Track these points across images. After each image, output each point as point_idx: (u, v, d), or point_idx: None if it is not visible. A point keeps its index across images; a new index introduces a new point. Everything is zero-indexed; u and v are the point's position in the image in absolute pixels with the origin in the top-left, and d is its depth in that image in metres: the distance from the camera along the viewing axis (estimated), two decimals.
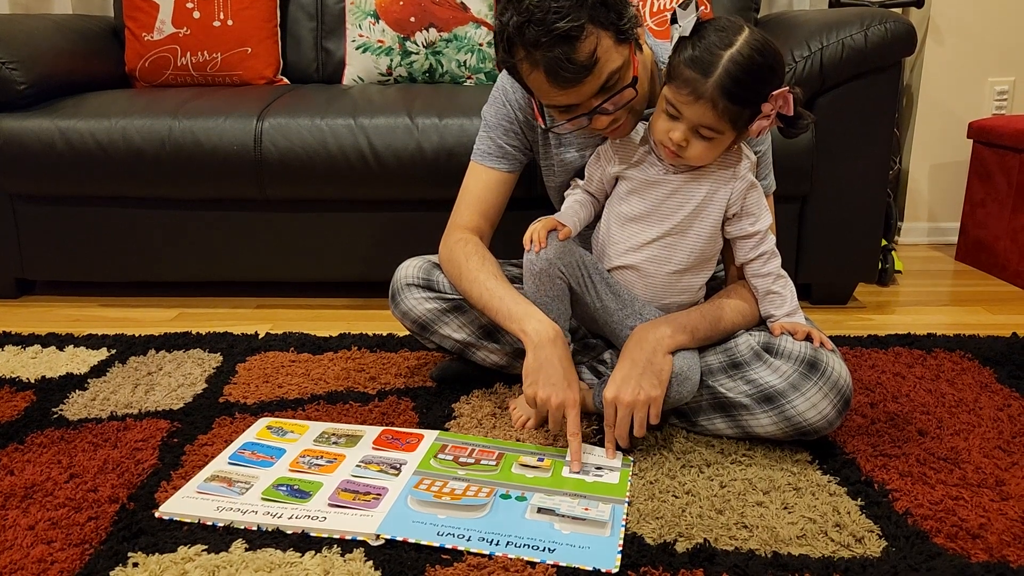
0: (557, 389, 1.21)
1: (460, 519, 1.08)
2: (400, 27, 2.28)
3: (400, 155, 1.87)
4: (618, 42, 1.17)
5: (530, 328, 1.25)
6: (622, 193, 1.32)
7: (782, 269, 1.32)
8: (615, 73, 1.18)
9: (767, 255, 1.31)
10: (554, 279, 1.28)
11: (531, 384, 1.23)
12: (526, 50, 1.14)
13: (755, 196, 1.29)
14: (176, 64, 2.29)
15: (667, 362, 1.23)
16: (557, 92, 1.18)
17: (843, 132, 1.85)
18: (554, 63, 1.13)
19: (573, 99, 1.19)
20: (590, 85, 1.17)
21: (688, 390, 1.26)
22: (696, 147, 1.20)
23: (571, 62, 1.12)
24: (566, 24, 1.10)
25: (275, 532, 1.06)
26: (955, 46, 2.50)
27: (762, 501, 1.14)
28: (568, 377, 1.23)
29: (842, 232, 1.92)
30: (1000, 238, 2.25)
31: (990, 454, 1.26)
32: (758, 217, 1.29)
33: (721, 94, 1.14)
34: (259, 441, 1.30)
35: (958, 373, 1.55)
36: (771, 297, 1.32)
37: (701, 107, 1.16)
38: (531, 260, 1.29)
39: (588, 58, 1.13)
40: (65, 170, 1.93)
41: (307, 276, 2.06)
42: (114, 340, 1.76)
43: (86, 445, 1.30)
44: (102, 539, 1.06)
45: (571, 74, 1.14)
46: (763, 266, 1.31)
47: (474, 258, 1.37)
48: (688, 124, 1.18)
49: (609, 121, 1.24)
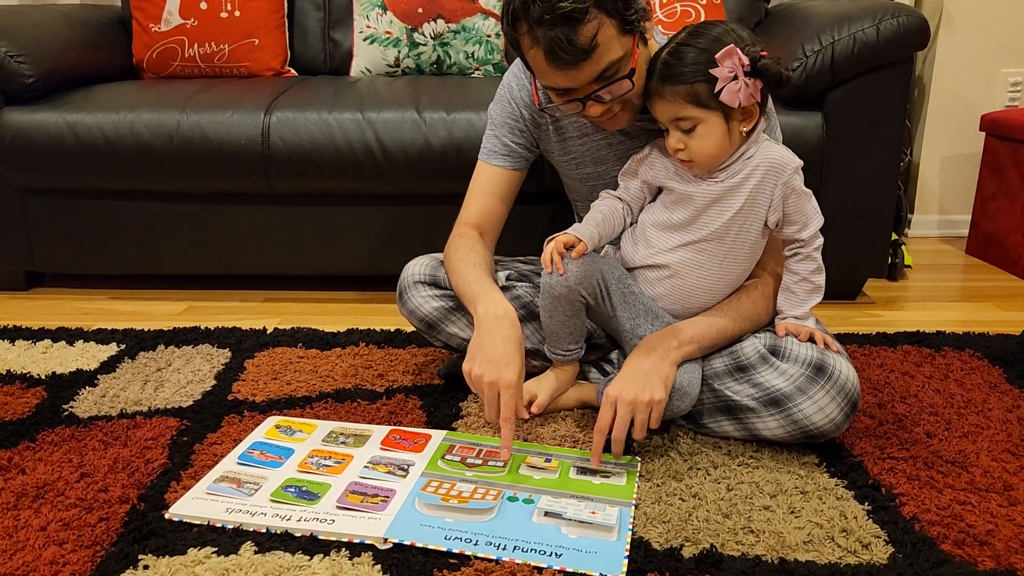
0: (492, 367, 1.17)
1: (468, 523, 1.08)
2: (408, 18, 2.27)
3: (408, 150, 1.86)
4: (622, 32, 1.17)
5: (480, 308, 1.25)
6: (666, 202, 1.31)
7: (817, 277, 1.31)
8: (615, 63, 1.18)
9: (803, 257, 1.29)
10: (573, 302, 1.28)
11: (469, 359, 1.21)
12: (529, 25, 1.15)
13: (795, 202, 1.26)
14: (183, 55, 2.28)
15: (673, 372, 1.23)
16: (554, 73, 1.18)
17: (854, 127, 1.83)
18: (554, 42, 1.13)
19: (570, 82, 1.19)
20: (588, 70, 1.17)
21: (687, 404, 1.26)
22: (692, 144, 1.21)
23: (571, 43, 1.12)
24: (570, 4, 1.10)
25: (284, 534, 1.07)
26: (968, 36, 2.47)
27: (769, 505, 1.14)
28: (507, 355, 1.18)
29: (852, 227, 1.91)
30: (1011, 233, 2.23)
31: (998, 457, 1.26)
32: (803, 225, 1.27)
33: (663, 82, 1.20)
34: (268, 440, 1.31)
35: (967, 372, 1.55)
36: (788, 294, 1.32)
37: (661, 105, 1.22)
38: (551, 284, 1.27)
39: (588, 42, 1.13)
40: (73, 164, 1.93)
41: (315, 270, 2.06)
42: (123, 335, 1.77)
43: (96, 444, 1.31)
44: (113, 540, 1.07)
45: (569, 56, 1.14)
46: (796, 264, 1.30)
47: (461, 251, 1.38)
48: (670, 127, 1.23)
49: (603, 110, 1.24)
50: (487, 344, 1.20)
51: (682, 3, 2.16)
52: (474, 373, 1.19)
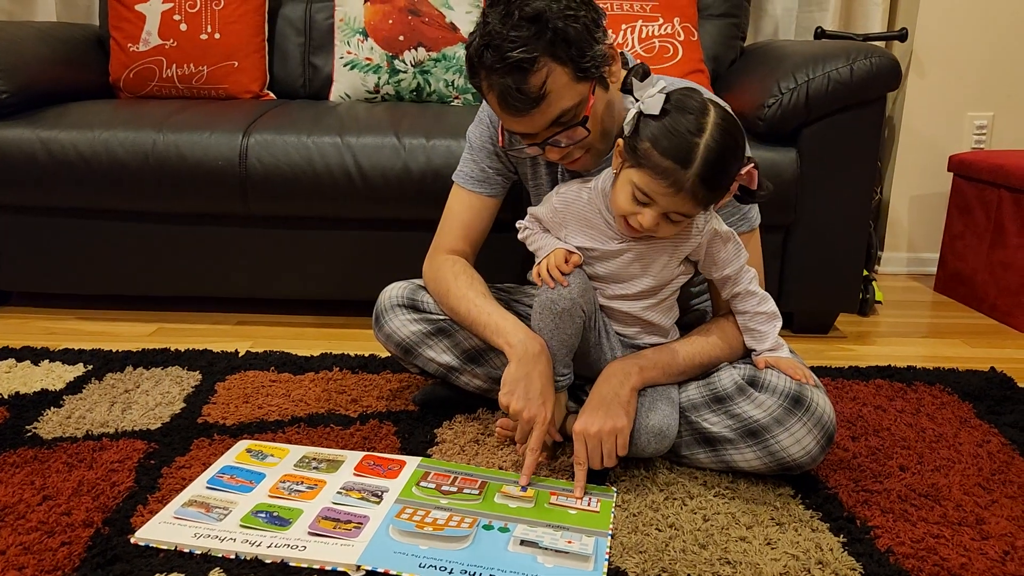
0: (532, 404, 1.23)
1: (442, 550, 1.07)
2: (389, 45, 2.28)
3: (387, 175, 1.86)
4: (576, 79, 1.18)
5: (515, 340, 1.26)
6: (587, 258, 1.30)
7: (765, 306, 1.31)
8: (569, 110, 1.19)
9: (742, 295, 1.30)
10: (575, 317, 1.26)
11: (508, 393, 1.24)
12: (484, 73, 1.18)
13: (719, 246, 1.27)
14: (161, 76, 2.27)
15: (633, 396, 1.25)
16: (509, 118, 1.21)
17: (827, 164, 1.86)
18: (505, 90, 1.16)
19: (526, 128, 1.22)
20: (540, 117, 1.19)
21: (665, 446, 1.27)
22: (665, 229, 1.20)
23: (520, 92, 1.15)
24: (519, 54, 1.13)
25: (254, 561, 1.05)
26: (937, 80, 2.53)
27: (745, 536, 1.13)
28: (544, 394, 1.24)
29: (824, 262, 1.94)
30: (978, 271, 2.28)
31: (970, 491, 1.27)
32: (724, 265, 1.28)
33: (702, 184, 1.12)
34: (238, 465, 1.28)
35: (938, 407, 1.57)
36: (750, 333, 1.33)
37: (682, 198, 1.14)
38: (553, 299, 1.25)
39: (537, 90, 1.15)
40: (46, 181, 1.90)
41: (290, 293, 2.04)
42: (91, 355, 1.73)
43: (60, 466, 1.28)
44: (75, 565, 1.03)
45: (519, 104, 1.16)
46: (739, 304, 1.32)
47: (462, 276, 1.37)
48: (660, 211, 1.16)
49: (562, 154, 1.26)
50: (526, 381, 1.23)
51: (660, 39, 2.20)
52: (513, 408, 1.23)
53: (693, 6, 2.26)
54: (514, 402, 1.23)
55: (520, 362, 1.24)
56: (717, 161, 1.12)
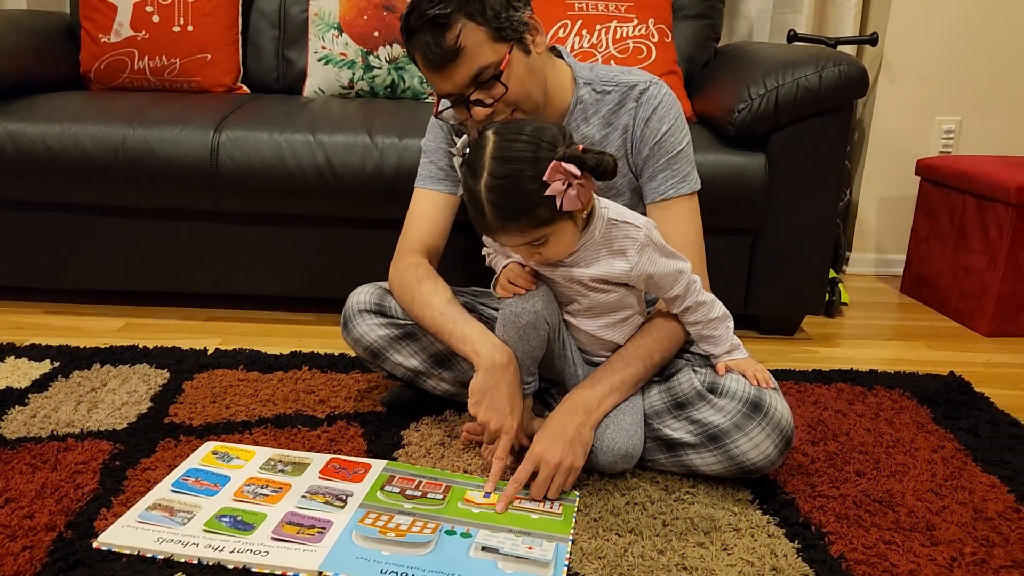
0: (500, 414, 1.26)
1: (405, 556, 1.08)
2: (364, 41, 2.28)
3: (358, 174, 1.86)
4: (495, 39, 1.26)
5: (483, 350, 1.27)
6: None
7: (714, 311, 1.32)
8: (486, 67, 1.26)
9: (690, 309, 1.31)
10: (539, 330, 1.27)
11: (476, 404, 1.27)
12: (409, 35, 1.27)
13: (657, 280, 1.27)
14: (133, 68, 2.25)
15: (591, 435, 1.27)
16: (432, 76, 1.29)
17: (795, 169, 1.88)
18: (424, 46, 1.25)
19: (449, 85, 1.28)
20: (460, 73, 1.26)
21: (630, 465, 1.30)
22: (546, 252, 1.21)
23: (437, 46, 1.24)
24: (434, 11, 1.23)
25: (216, 566, 1.05)
26: (906, 84, 2.57)
27: (703, 542, 1.16)
28: (512, 403, 1.27)
29: (791, 266, 1.96)
30: (942, 275, 2.32)
31: (923, 497, 1.30)
32: (661, 289, 1.29)
33: (502, 219, 1.15)
34: (203, 467, 1.29)
35: (896, 412, 1.60)
36: (705, 340, 1.35)
37: (506, 238, 1.19)
38: (517, 313, 1.26)
39: (452, 44, 1.23)
40: (13, 175, 1.88)
41: (260, 290, 2.04)
42: (58, 352, 1.73)
43: (24, 467, 1.27)
44: (37, 571, 1.04)
45: (437, 58, 1.25)
46: (691, 316, 1.33)
47: (426, 282, 1.38)
48: (513, 247, 1.22)
49: (487, 114, 1.29)
50: (493, 392, 1.26)
51: (634, 39, 2.20)
52: (481, 418, 1.27)
53: (668, 7, 2.27)
54: (482, 413, 1.26)
55: (488, 372, 1.26)
56: (497, 197, 1.13)
